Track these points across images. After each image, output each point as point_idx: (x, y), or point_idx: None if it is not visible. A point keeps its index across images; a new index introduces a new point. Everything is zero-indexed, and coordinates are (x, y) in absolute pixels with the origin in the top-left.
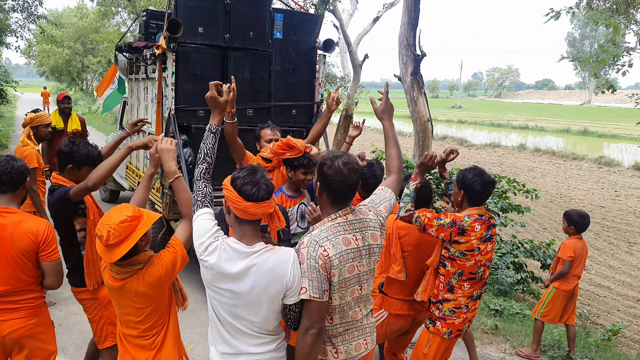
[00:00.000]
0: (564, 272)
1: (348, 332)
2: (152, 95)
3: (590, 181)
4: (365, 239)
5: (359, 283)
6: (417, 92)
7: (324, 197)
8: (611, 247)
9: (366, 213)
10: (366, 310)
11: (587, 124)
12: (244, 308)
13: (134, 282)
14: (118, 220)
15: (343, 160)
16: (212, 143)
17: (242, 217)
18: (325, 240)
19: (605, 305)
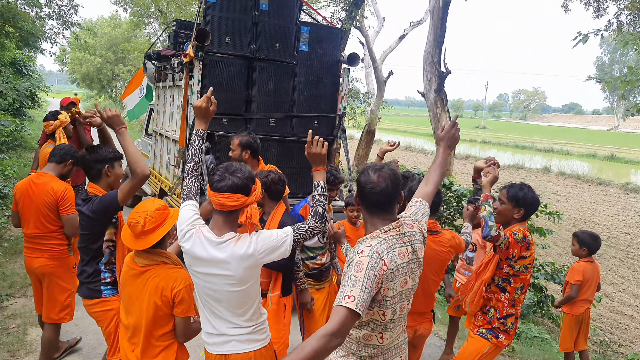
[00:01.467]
0: (572, 296)
1: (388, 352)
2: (178, 102)
3: (616, 207)
4: (414, 252)
5: (408, 299)
6: (440, 109)
7: (362, 207)
8: (636, 274)
9: (411, 226)
10: (405, 324)
11: (614, 149)
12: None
13: (157, 272)
14: (154, 208)
15: (375, 167)
16: (199, 145)
17: (213, 206)
18: (385, 253)
19: (628, 334)
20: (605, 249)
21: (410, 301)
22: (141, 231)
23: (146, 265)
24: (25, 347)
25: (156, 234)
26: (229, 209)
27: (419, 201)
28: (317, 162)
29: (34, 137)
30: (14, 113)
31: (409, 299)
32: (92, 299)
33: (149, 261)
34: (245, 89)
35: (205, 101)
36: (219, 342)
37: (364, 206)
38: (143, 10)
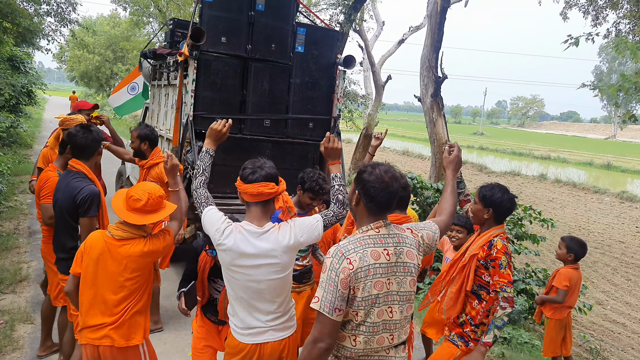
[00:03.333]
0: (558, 300)
1: (365, 354)
2: (173, 101)
3: (611, 215)
4: (399, 255)
5: (388, 304)
6: (436, 113)
7: (362, 206)
8: (629, 283)
9: (402, 229)
10: (397, 340)
11: (610, 158)
12: (265, 275)
13: (134, 246)
14: (158, 193)
15: (384, 168)
16: (209, 162)
17: (248, 199)
18: (352, 252)
19: (619, 342)
20: (599, 257)
21: (395, 309)
22: (140, 208)
23: (124, 239)
24: (12, 343)
25: (154, 216)
26: (266, 196)
27: (428, 222)
28: (333, 156)
29: (29, 134)
30: (10, 109)
31: (390, 305)
32: (66, 274)
33: (126, 234)
34: (240, 89)
35: (226, 128)
36: (254, 333)
37: (367, 206)
38: (142, 9)
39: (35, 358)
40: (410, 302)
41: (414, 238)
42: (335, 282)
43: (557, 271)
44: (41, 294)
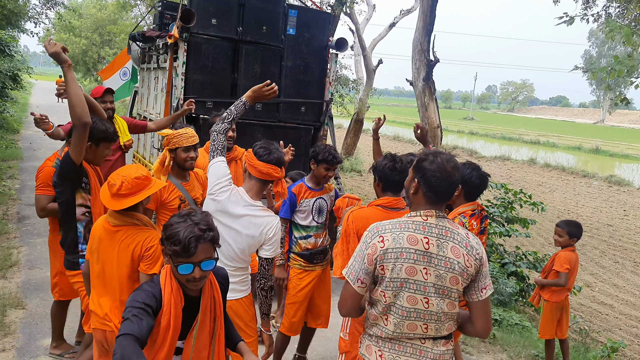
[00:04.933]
0: (561, 283)
1: (399, 345)
2: (162, 84)
3: (599, 199)
4: (440, 248)
5: (424, 294)
6: (428, 97)
7: (420, 195)
8: (616, 265)
9: (457, 226)
10: (435, 333)
11: (599, 142)
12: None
13: (128, 232)
14: (134, 176)
15: (445, 157)
16: (241, 112)
17: (253, 173)
18: (388, 231)
19: (607, 323)
20: (587, 240)
21: (432, 301)
22: (116, 193)
23: (117, 225)
24: (4, 328)
25: (129, 200)
26: (273, 178)
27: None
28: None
29: (16, 118)
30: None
31: (426, 296)
32: (72, 270)
33: (120, 222)
34: (230, 72)
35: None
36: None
37: (426, 195)
38: None
39: (28, 343)
40: (452, 299)
41: (466, 238)
42: (363, 255)
43: (556, 255)
44: (32, 279)
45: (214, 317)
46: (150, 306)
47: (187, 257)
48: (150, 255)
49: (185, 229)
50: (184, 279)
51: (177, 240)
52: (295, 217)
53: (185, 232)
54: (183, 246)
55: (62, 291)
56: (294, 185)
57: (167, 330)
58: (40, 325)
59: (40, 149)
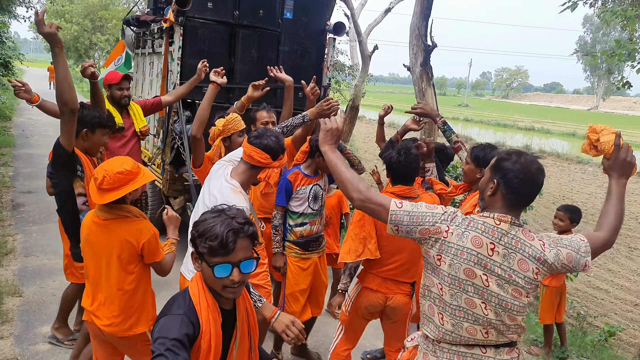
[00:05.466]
0: None
1: (458, 355)
2: (158, 70)
3: (594, 185)
4: (506, 258)
5: (482, 299)
6: (425, 83)
7: (498, 197)
8: (611, 251)
9: (531, 237)
10: (496, 339)
11: None
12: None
13: (119, 225)
14: (116, 170)
15: (529, 158)
16: (298, 125)
17: (242, 156)
18: (455, 225)
19: (603, 308)
20: (582, 226)
21: (490, 309)
22: (98, 186)
23: (107, 219)
24: (2, 316)
25: (112, 194)
26: (255, 162)
27: (580, 238)
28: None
29: (8, 106)
30: None
31: (485, 302)
32: (80, 262)
33: (110, 215)
34: (227, 57)
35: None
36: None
37: (506, 198)
38: None
39: (27, 330)
40: (510, 312)
41: (541, 251)
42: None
43: None
44: (29, 266)
45: (249, 331)
46: (187, 334)
47: (224, 254)
48: (150, 245)
49: (222, 223)
50: (220, 285)
51: (213, 235)
52: (290, 205)
53: (222, 226)
54: (221, 241)
55: (73, 275)
56: (289, 173)
57: (207, 354)
58: (38, 313)
59: (33, 136)
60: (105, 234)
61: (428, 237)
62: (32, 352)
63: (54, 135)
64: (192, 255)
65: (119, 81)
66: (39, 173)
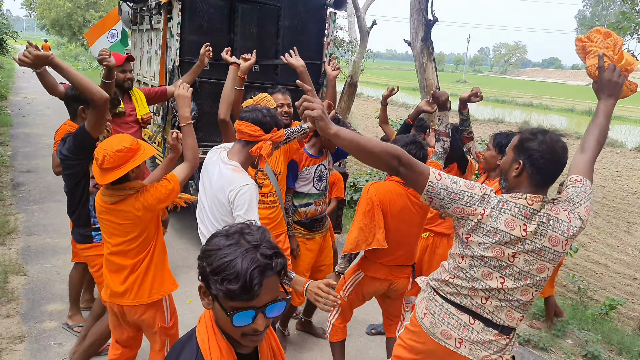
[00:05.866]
0: None
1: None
2: (156, 46)
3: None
4: (538, 235)
5: (501, 274)
6: (426, 58)
7: (525, 177)
8: (610, 226)
9: (558, 211)
10: (489, 309)
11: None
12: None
13: (126, 205)
14: (115, 149)
15: (554, 137)
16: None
17: (237, 136)
18: (490, 207)
19: (602, 282)
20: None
21: (505, 280)
22: (99, 166)
23: (114, 203)
24: (7, 295)
25: (114, 173)
26: (246, 136)
27: (578, 180)
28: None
29: (3, 84)
30: None
31: (503, 277)
32: (83, 243)
33: (115, 198)
34: (227, 33)
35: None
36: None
37: (532, 178)
38: None
39: (32, 309)
40: (529, 286)
41: (568, 223)
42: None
43: None
44: (32, 245)
45: None
46: None
47: (247, 299)
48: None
49: (244, 256)
50: (238, 333)
51: (232, 274)
52: (295, 185)
53: (245, 262)
54: (243, 284)
55: (77, 255)
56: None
57: None
58: (43, 291)
59: (29, 115)
60: (114, 216)
61: (461, 216)
62: (40, 330)
63: (50, 114)
64: (200, 290)
65: (122, 63)
66: (38, 152)
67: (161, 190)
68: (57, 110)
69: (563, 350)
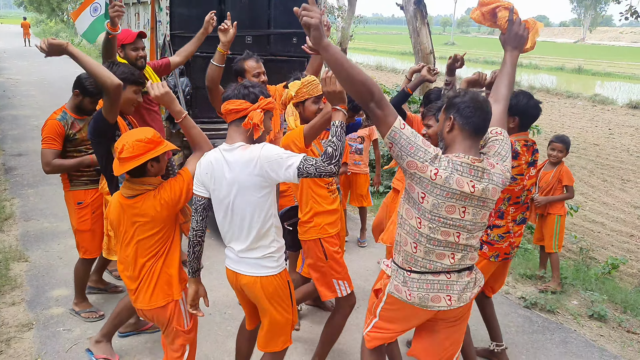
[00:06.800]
0: (570, 197)
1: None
2: (145, 21)
3: (584, 119)
4: (484, 191)
5: (457, 230)
6: (419, 22)
7: (456, 131)
8: (605, 184)
9: (492, 165)
10: (460, 265)
11: (581, 61)
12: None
13: (144, 202)
14: (135, 139)
15: (474, 92)
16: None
17: (225, 120)
18: (443, 167)
19: (600, 241)
20: (575, 161)
21: (461, 234)
22: (118, 157)
23: (131, 197)
24: (10, 282)
25: (130, 163)
26: (234, 114)
27: (499, 132)
28: (335, 100)
29: None
30: None
31: (458, 231)
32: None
33: (132, 191)
34: (217, 4)
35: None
36: (234, 259)
37: (462, 129)
38: None
39: (38, 295)
40: (479, 232)
41: (502, 175)
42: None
43: (560, 171)
44: (31, 230)
45: None
46: None
47: None
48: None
49: None
50: None
51: None
52: None
53: None
54: None
55: (85, 249)
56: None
57: None
58: (46, 277)
59: (15, 96)
60: (130, 212)
61: (412, 171)
62: (47, 317)
63: (36, 95)
64: None
65: (133, 40)
66: (27, 134)
67: (174, 185)
68: (43, 90)
69: (569, 312)
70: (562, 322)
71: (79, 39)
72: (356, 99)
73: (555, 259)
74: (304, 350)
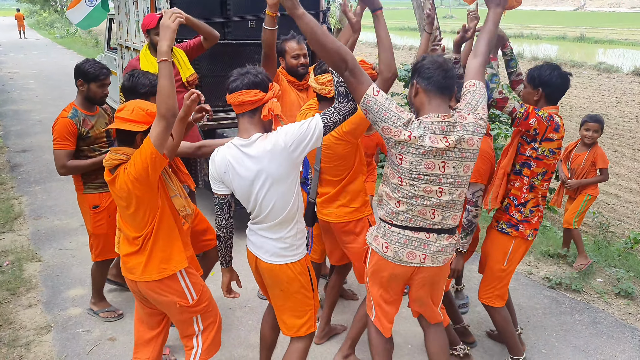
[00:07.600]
0: (605, 179)
1: (405, 239)
2: (144, 9)
3: (590, 89)
4: (459, 142)
5: (439, 185)
6: None
7: (422, 94)
8: (616, 154)
9: (464, 117)
10: (441, 224)
11: (582, 29)
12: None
13: (119, 179)
14: (139, 105)
15: (434, 55)
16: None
17: (235, 111)
18: (415, 129)
19: (615, 213)
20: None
21: (443, 189)
22: (116, 114)
23: (112, 170)
24: (25, 283)
25: (122, 125)
26: (250, 105)
27: (473, 85)
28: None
29: None
30: None
31: (440, 186)
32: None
33: (112, 161)
34: None
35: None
36: (255, 243)
37: (426, 90)
38: None
39: (54, 296)
40: (461, 187)
41: (475, 123)
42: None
43: (594, 153)
44: (41, 229)
45: None
46: None
47: None
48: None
49: None
50: None
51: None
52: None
53: None
54: None
55: (99, 251)
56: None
57: None
58: (61, 277)
59: (14, 90)
60: (116, 188)
61: (388, 137)
62: (65, 318)
63: (35, 88)
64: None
65: (156, 25)
66: (30, 130)
67: (136, 157)
68: (42, 83)
69: (595, 290)
70: (589, 301)
71: (73, 28)
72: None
73: (578, 235)
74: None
